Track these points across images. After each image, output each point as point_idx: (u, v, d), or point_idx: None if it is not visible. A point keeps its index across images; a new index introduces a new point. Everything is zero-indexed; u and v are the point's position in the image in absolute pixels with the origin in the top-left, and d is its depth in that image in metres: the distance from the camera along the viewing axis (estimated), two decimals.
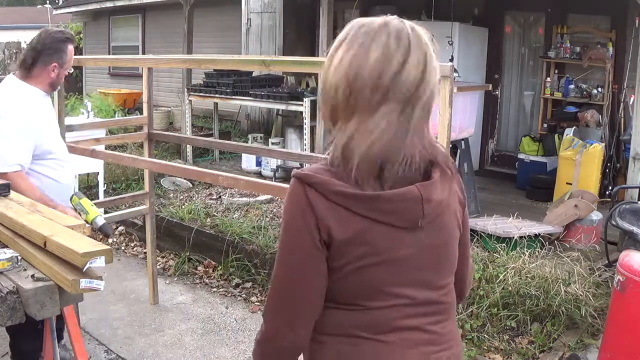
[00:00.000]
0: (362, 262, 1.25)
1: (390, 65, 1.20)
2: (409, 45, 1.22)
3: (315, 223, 1.23)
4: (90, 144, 3.70)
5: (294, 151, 5.39)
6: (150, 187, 4.18)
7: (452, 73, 2.49)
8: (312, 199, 1.23)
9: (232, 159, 8.43)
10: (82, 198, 2.73)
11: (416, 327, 1.33)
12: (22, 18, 23.59)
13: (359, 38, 1.24)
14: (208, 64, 3.64)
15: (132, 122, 5.33)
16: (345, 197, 1.22)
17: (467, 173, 5.77)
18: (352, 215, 1.23)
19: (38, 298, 2.05)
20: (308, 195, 1.24)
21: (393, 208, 1.24)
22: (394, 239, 1.26)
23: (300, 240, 1.25)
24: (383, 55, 1.20)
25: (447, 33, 6.67)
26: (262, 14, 9.31)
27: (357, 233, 1.23)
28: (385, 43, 1.21)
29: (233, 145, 5.19)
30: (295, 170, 1.29)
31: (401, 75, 1.20)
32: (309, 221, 1.24)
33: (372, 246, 1.25)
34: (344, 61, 1.22)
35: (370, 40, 1.22)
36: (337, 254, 1.25)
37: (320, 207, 1.23)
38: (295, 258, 1.27)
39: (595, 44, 6.76)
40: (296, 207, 1.25)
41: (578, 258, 3.97)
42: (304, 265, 1.26)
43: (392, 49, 1.21)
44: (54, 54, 2.91)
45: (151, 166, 3.43)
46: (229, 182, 2.70)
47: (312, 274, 1.26)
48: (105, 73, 13.55)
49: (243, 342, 3.80)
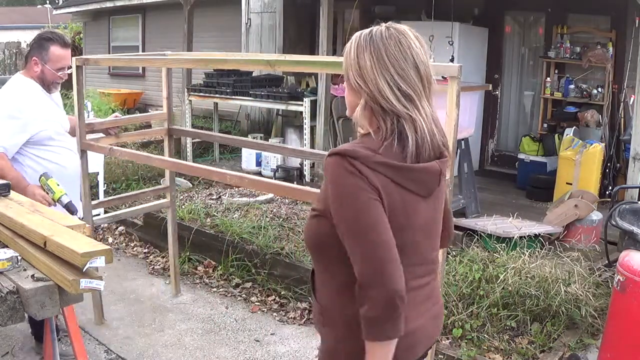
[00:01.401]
0: (393, 225, 1.46)
1: (427, 61, 1.54)
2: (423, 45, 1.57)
3: (367, 183, 1.44)
4: (109, 141, 3.77)
5: (317, 151, 5.35)
6: (171, 181, 4.22)
7: (459, 74, 2.47)
8: (359, 167, 1.45)
9: (232, 159, 8.42)
10: (50, 178, 2.99)
11: (420, 286, 1.60)
12: (22, 18, 23.60)
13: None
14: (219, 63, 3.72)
15: (152, 118, 5.45)
16: (387, 166, 1.47)
17: (467, 173, 5.77)
18: (390, 182, 1.47)
19: (38, 298, 2.05)
20: (354, 164, 1.44)
21: (421, 179, 1.53)
22: (417, 206, 1.53)
23: (361, 195, 1.44)
24: (425, 52, 1.55)
25: (447, 33, 6.67)
26: (262, 14, 9.31)
27: (394, 198, 1.47)
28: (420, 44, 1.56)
29: (250, 143, 5.18)
30: (334, 149, 1.49)
31: (430, 70, 1.55)
32: (361, 183, 1.44)
33: (403, 211, 1.50)
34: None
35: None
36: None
37: (368, 173, 1.44)
38: (366, 212, 1.44)
39: (595, 44, 6.76)
40: (346, 173, 1.45)
41: (578, 258, 3.97)
42: (377, 216, 1.44)
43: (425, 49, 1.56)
44: (35, 49, 3.12)
45: (163, 164, 3.48)
46: (235, 180, 2.75)
47: (384, 221, 1.45)
48: (105, 73, 13.55)
49: (243, 342, 3.80)
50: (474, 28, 7.44)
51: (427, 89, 1.54)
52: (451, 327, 3.65)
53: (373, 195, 1.44)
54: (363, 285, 1.43)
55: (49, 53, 3.09)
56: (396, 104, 1.50)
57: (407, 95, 1.51)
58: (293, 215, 5.38)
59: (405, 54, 1.52)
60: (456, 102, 2.51)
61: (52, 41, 3.08)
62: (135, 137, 5.59)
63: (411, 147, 1.49)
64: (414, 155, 1.50)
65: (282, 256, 4.51)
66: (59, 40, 3.09)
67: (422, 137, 1.51)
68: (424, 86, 1.53)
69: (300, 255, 4.49)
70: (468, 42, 7.15)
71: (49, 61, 3.10)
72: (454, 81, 2.49)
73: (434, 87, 1.57)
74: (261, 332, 3.94)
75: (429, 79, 1.55)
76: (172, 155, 4.19)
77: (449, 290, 3.73)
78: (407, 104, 1.50)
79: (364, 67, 1.52)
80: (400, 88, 1.50)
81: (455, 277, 3.95)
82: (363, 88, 1.52)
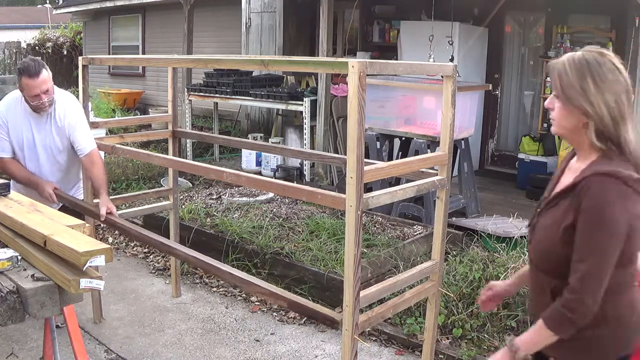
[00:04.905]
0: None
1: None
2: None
3: (629, 213, 1.63)
4: (113, 141, 3.88)
5: (317, 152, 5.38)
6: (174, 183, 4.26)
7: (454, 73, 2.49)
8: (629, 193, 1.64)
9: (232, 159, 8.43)
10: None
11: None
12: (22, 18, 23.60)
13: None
14: (214, 63, 3.74)
15: (158, 119, 5.50)
16: (637, 181, 1.64)
17: (467, 173, 5.77)
18: (636, 193, 1.64)
19: (38, 298, 2.05)
20: (622, 188, 1.62)
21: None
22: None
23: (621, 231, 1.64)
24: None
25: (447, 33, 6.67)
26: (262, 13, 9.31)
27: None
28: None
29: (252, 144, 5.20)
30: (605, 169, 1.66)
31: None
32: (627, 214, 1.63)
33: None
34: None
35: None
36: (632, 228, 1.65)
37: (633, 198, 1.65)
38: (614, 243, 1.64)
39: (596, 44, 6.75)
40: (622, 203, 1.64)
41: None
42: (617, 248, 1.64)
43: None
44: (17, 76, 3.45)
45: (164, 162, 3.55)
46: (232, 178, 2.75)
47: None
48: (105, 73, 13.55)
49: (243, 342, 3.80)
50: (474, 28, 7.44)
51: (631, 104, 1.73)
52: (451, 327, 3.66)
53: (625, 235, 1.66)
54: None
55: (22, 83, 3.36)
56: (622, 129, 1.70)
57: (619, 115, 1.69)
58: (293, 215, 5.38)
59: (619, 79, 1.70)
60: (452, 101, 2.51)
61: (22, 72, 3.34)
62: (139, 137, 5.69)
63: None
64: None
65: (282, 256, 4.51)
66: (26, 71, 3.31)
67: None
68: (630, 103, 1.72)
69: (300, 255, 4.49)
70: (468, 42, 7.15)
71: (23, 90, 3.39)
72: (449, 80, 2.49)
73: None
74: (261, 332, 3.94)
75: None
76: (176, 156, 4.21)
77: (449, 290, 3.73)
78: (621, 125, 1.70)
79: (588, 89, 1.69)
80: (620, 110, 1.69)
81: (455, 277, 3.96)
82: (587, 108, 1.69)
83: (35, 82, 3.30)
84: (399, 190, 2.44)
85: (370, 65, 2.09)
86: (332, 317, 2.30)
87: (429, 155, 3.00)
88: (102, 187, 3.49)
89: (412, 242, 4.64)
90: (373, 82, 5.53)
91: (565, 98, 1.72)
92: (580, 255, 1.65)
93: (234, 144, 4.76)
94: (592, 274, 1.64)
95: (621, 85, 1.70)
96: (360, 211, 2.13)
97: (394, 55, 7.80)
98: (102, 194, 3.47)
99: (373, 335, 3.81)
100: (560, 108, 1.75)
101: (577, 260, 1.66)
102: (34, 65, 3.30)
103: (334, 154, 6.13)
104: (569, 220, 1.69)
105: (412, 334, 3.70)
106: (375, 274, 4.12)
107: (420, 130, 5.70)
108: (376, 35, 8.83)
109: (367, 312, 2.38)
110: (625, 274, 1.72)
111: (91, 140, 3.57)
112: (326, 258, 4.38)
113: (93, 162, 3.54)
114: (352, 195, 2.10)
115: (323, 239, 4.73)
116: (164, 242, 3.25)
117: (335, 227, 4.90)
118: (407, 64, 2.90)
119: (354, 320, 2.20)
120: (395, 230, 5.08)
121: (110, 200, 3.50)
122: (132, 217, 5.35)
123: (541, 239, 1.81)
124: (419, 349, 3.44)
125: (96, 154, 3.57)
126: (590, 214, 1.63)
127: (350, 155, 2.09)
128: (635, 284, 1.80)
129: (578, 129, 1.72)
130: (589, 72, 1.70)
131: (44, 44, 16.31)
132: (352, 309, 2.19)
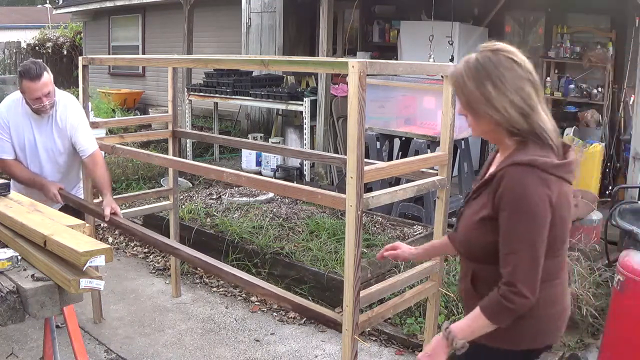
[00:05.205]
0: (562, 214, 1.68)
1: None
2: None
3: (549, 200, 1.63)
4: (113, 141, 3.88)
5: (317, 152, 5.39)
6: (174, 183, 4.26)
7: None
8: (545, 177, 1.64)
9: (232, 159, 8.43)
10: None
11: (565, 269, 1.83)
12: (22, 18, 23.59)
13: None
14: (215, 63, 3.75)
15: (158, 119, 5.53)
16: (556, 167, 1.66)
17: (467, 173, 5.77)
18: (557, 179, 1.66)
19: (38, 298, 2.05)
20: (540, 175, 1.63)
21: (572, 169, 1.72)
22: (568, 194, 1.73)
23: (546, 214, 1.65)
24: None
25: (447, 33, 6.67)
26: (262, 13, 9.31)
27: (562, 193, 1.67)
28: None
29: (253, 145, 5.20)
30: (520, 159, 1.66)
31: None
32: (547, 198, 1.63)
33: (567, 200, 1.71)
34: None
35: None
36: (554, 215, 1.65)
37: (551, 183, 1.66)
38: (539, 229, 1.64)
39: (595, 44, 6.76)
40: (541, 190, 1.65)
41: (578, 258, 3.97)
42: (543, 234, 1.65)
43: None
44: (18, 79, 3.41)
45: (164, 162, 3.56)
46: (232, 178, 2.75)
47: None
48: (105, 73, 13.55)
49: (243, 342, 3.80)
50: (474, 28, 7.44)
51: (539, 90, 1.73)
52: None
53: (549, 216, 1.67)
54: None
55: (23, 86, 3.35)
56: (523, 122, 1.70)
57: (528, 107, 1.69)
58: (293, 215, 5.38)
59: (517, 73, 1.71)
60: (452, 101, 2.52)
61: (23, 75, 3.31)
62: (139, 137, 5.70)
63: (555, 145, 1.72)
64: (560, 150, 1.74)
65: (282, 256, 4.50)
66: (27, 74, 3.31)
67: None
68: (537, 90, 1.72)
69: (300, 255, 4.48)
70: (468, 42, 7.15)
71: (24, 92, 3.38)
72: (449, 80, 2.49)
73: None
74: (261, 331, 3.94)
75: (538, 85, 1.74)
76: (176, 156, 4.21)
77: (449, 290, 3.73)
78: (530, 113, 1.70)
79: (489, 95, 1.69)
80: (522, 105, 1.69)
81: (455, 277, 3.95)
82: (493, 115, 1.70)
83: (36, 85, 3.30)
84: (399, 190, 2.44)
85: (370, 65, 2.09)
86: (335, 320, 2.30)
87: (429, 155, 3.00)
88: (105, 188, 3.49)
89: (412, 242, 4.64)
90: (373, 82, 5.53)
91: (471, 108, 1.74)
92: (509, 247, 1.65)
93: (234, 144, 4.77)
94: (524, 263, 1.63)
95: (521, 77, 1.69)
96: (360, 211, 2.13)
97: (394, 55, 7.80)
98: (106, 194, 3.47)
99: (373, 335, 3.81)
100: (470, 116, 1.77)
101: (507, 253, 1.66)
102: (35, 68, 3.30)
103: (334, 154, 6.13)
104: (486, 211, 1.71)
105: (412, 334, 3.70)
106: (375, 274, 4.12)
107: (420, 130, 5.70)
108: (376, 35, 8.83)
109: (367, 312, 2.38)
110: (548, 265, 1.69)
111: (93, 141, 3.57)
112: (326, 258, 4.38)
113: (96, 162, 3.54)
114: (352, 195, 2.11)
115: (323, 239, 4.73)
116: (170, 243, 3.26)
117: (335, 227, 4.90)
118: (407, 64, 2.90)
119: (354, 320, 2.20)
120: (395, 230, 5.08)
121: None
122: (132, 217, 5.34)
123: (463, 228, 1.85)
124: (419, 349, 3.44)
125: (99, 155, 3.58)
126: (510, 205, 1.64)
127: (350, 155, 2.09)
128: (559, 279, 1.78)
129: (492, 130, 1.75)
130: (486, 76, 1.69)
131: (44, 44, 16.31)
132: (352, 309, 2.19)
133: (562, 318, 1.84)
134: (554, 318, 1.80)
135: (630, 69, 6.17)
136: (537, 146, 1.70)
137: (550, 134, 1.71)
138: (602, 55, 6.60)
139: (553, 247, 1.69)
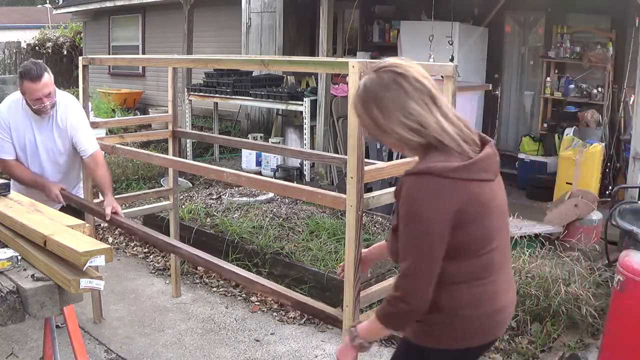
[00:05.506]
0: (476, 215, 1.64)
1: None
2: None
3: (447, 207, 1.60)
4: (113, 141, 3.89)
5: (317, 152, 5.38)
6: (174, 183, 4.27)
7: (454, 73, 2.49)
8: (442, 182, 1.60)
9: (232, 159, 8.43)
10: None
11: (502, 269, 1.78)
12: (22, 18, 23.59)
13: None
14: (215, 63, 3.76)
15: (158, 119, 5.55)
16: (457, 170, 1.61)
17: None
18: (464, 182, 1.61)
19: (38, 298, 2.05)
20: (436, 184, 1.60)
21: (483, 166, 1.66)
22: (490, 190, 1.68)
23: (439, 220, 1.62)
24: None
25: (447, 33, 6.67)
26: (262, 13, 9.31)
27: (471, 194, 1.63)
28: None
29: (253, 145, 5.20)
30: (417, 168, 1.66)
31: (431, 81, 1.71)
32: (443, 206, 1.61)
33: (480, 200, 1.65)
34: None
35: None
36: (462, 218, 1.61)
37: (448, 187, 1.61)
38: (431, 238, 1.63)
39: (595, 44, 6.76)
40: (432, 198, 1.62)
41: (578, 258, 3.97)
42: (435, 243, 1.63)
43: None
44: (18, 79, 3.40)
45: (164, 162, 3.56)
46: (232, 178, 2.75)
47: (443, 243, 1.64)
48: (105, 73, 13.55)
49: (243, 342, 3.80)
50: (474, 28, 7.44)
51: (434, 96, 1.67)
52: None
53: (447, 226, 1.63)
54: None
55: (23, 87, 3.35)
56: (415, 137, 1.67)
57: (417, 124, 1.65)
58: (293, 215, 5.38)
59: (402, 90, 1.65)
60: (452, 101, 2.52)
61: (23, 76, 3.30)
62: (139, 137, 5.72)
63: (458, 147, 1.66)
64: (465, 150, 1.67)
65: (282, 256, 4.51)
66: (28, 75, 3.30)
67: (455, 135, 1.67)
68: (431, 97, 1.66)
69: (300, 255, 4.49)
70: (468, 42, 7.15)
71: (25, 93, 3.37)
72: (449, 80, 2.50)
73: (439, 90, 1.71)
74: (261, 331, 3.94)
75: (432, 90, 1.67)
76: (176, 156, 4.21)
77: None
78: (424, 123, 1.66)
79: (377, 119, 1.67)
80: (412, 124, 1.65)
81: None
82: (385, 139, 1.71)
83: (37, 85, 3.29)
84: None
85: (370, 65, 2.09)
86: (336, 316, 2.30)
87: None
88: (107, 188, 3.49)
89: None
90: None
91: (368, 131, 1.77)
92: (402, 254, 1.68)
93: (234, 144, 4.77)
94: (411, 271, 1.66)
95: (405, 93, 1.65)
96: (361, 211, 2.13)
97: (393, 56, 7.79)
98: (107, 194, 3.47)
99: None
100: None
101: (400, 259, 1.70)
102: (36, 69, 3.29)
103: (334, 154, 6.13)
104: (395, 220, 1.74)
105: None
106: (375, 274, 4.12)
107: None
108: (376, 35, 8.83)
109: (367, 312, 2.38)
110: (468, 266, 1.70)
111: (94, 142, 3.58)
112: (326, 258, 4.38)
113: (97, 162, 3.55)
114: (352, 195, 2.11)
115: (323, 239, 4.73)
116: (171, 242, 3.25)
117: (335, 227, 4.90)
118: None
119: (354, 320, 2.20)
120: None
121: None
122: (132, 217, 5.34)
123: (389, 237, 1.88)
124: None
125: (99, 155, 3.58)
126: (402, 217, 1.66)
127: (350, 155, 2.09)
128: (489, 279, 1.74)
129: (397, 145, 1.75)
130: (371, 100, 1.68)
131: (44, 44, 16.31)
132: (352, 309, 2.19)
133: (495, 318, 1.79)
134: (483, 318, 1.76)
135: (630, 69, 6.17)
136: (439, 152, 1.66)
137: (453, 139, 1.66)
138: (602, 55, 6.60)
139: (472, 248, 1.68)
